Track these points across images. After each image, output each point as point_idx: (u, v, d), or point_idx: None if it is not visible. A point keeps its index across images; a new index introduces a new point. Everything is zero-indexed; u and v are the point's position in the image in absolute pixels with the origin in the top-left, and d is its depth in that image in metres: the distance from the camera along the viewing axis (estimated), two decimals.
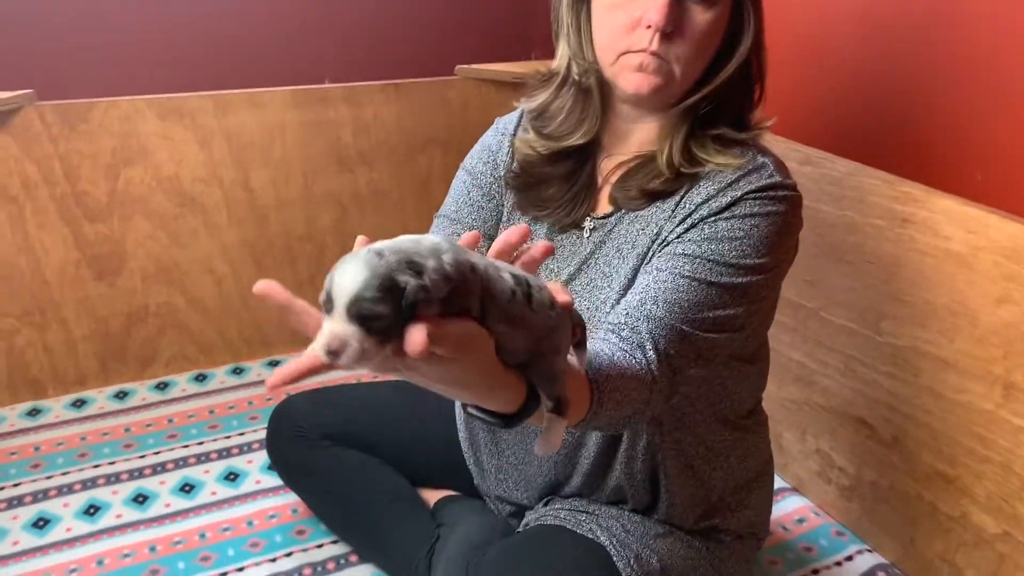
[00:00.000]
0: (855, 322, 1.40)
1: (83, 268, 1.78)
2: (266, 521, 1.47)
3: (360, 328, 0.59)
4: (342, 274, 0.61)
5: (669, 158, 1.01)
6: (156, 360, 1.90)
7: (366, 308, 0.59)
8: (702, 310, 0.94)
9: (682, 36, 0.95)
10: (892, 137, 1.47)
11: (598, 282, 1.06)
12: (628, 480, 1.10)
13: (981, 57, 1.32)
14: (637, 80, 0.97)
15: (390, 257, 0.61)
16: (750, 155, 1.01)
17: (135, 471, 1.59)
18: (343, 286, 0.60)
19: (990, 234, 1.20)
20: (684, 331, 0.93)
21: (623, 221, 1.05)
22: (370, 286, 0.59)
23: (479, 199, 1.15)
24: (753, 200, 0.97)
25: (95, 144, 1.72)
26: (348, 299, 0.59)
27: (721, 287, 0.95)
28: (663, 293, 0.94)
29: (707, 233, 0.97)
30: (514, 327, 0.68)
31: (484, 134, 1.20)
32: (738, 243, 0.96)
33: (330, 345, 0.60)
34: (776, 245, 0.98)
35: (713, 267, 0.95)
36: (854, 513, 1.47)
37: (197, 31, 2.08)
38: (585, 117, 1.06)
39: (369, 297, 0.59)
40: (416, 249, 0.62)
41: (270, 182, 1.90)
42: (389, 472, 1.33)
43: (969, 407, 1.25)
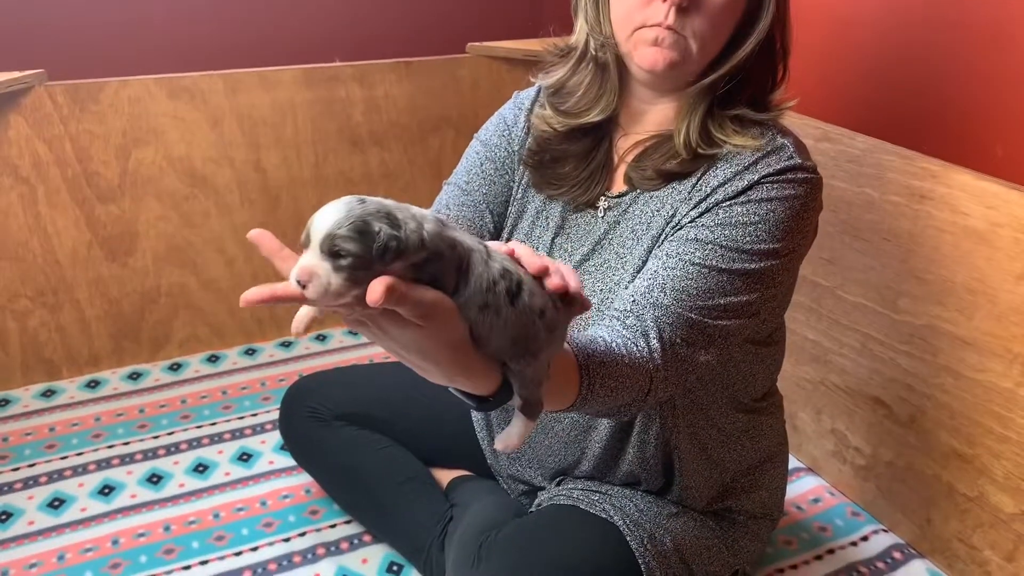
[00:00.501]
0: (872, 300, 1.38)
1: (95, 249, 1.78)
2: (279, 501, 1.48)
3: (330, 263, 0.63)
4: (322, 213, 0.64)
5: (686, 138, 0.99)
6: (169, 341, 1.91)
7: (337, 244, 0.62)
8: (712, 297, 0.93)
9: (698, 10, 0.93)
10: (911, 113, 1.45)
11: (612, 263, 1.04)
12: (641, 464, 1.09)
13: (1000, 31, 1.29)
14: (652, 55, 0.95)
15: (370, 205, 0.64)
16: (769, 136, 0.99)
17: (149, 451, 1.60)
18: (320, 222, 0.64)
19: (1010, 209, 1.17)
20: (692, 319, 0.92)
21: (638, 201, 1.03)
22: (343, 225, 0.63)
23: (491, 172, 1.13)
24: (771, 184, 0.95)
25: (106, 124, 1.72)
26: (322, 234, 0.63)
27: (734, 273, 0.93)
28: (671, 280, 0.93)
29: (721, 218, 0.95)
30: (487, 317, 0.69)
31: (502, 107, 1.19)
32: (753, 228, 0.94)
33: (300, 274, 0.63)
34: (793, 229, 0.96)
35: (725, 253, 0.93)
36: (870, 493, 1.46)
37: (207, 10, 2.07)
38: (603, 93, 1.04)
39: (341, 235, 0.62)
40: (400, 207, 0.66)
41: (281, 162, 1.89)
42: (402, 452, 1.33)
43: (988, 386, 1.23)
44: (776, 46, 1.00)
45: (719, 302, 0.93)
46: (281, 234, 0.70)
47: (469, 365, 0.71)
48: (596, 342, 0.87)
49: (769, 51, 0.99)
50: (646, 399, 0.91)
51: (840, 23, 1.52)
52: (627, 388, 0.87)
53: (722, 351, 0.96)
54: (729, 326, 0.95)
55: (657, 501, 1.11)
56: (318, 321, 0.72)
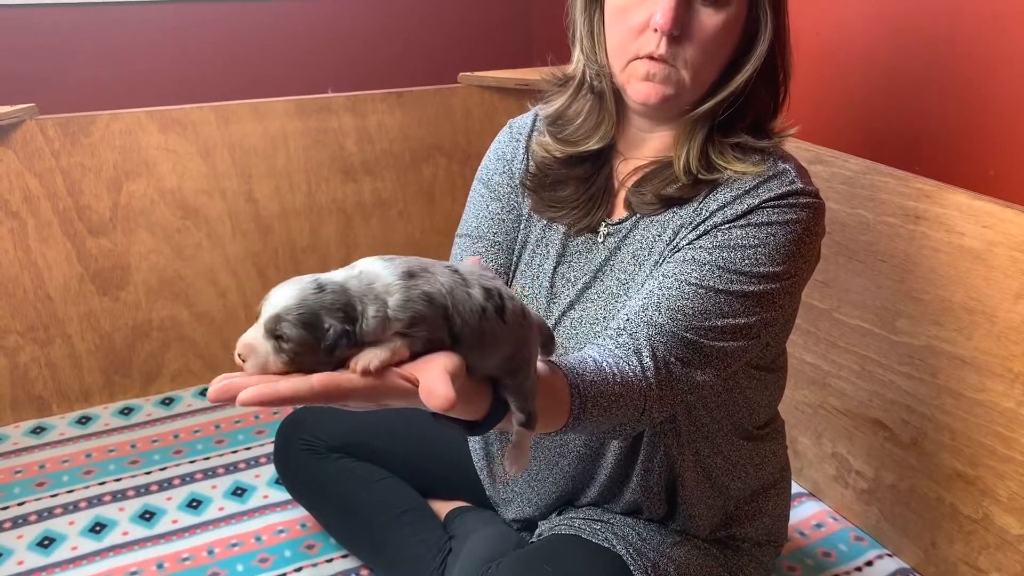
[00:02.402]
0: (870, 322, 1.38)
1: (86, 283, 1.76)
2: (275, 536, 1.45)
3: (273, 343, 0.62)
4: (278, 290, 0.64)
5: (686, 164, 0.99)
6: (161, 375, 1.89)
7: (280, 329, 0.62)
8: (709, 318, 0.92)
9: (690, 39, 0.93)
10: (903, 134, 1.45)
11: (614, 289, 1.03)
12: (644, 492, 1.08)
13: (991, 52, 1.30)
14: (645, 89, 0.95)
15: (327, 295, 0.63)
16: (771, 162, 0.98)
17: (141, 487, 1.57)
18: (272, 301, 0.63)
19: (1005, 228, 1.17)
20: (688, 338, 0.91)
21: (639, 227, 1.03)
22: (292, 312, 0.62)
23: (498, 211, 1.12)
24: (772, 208, 0.95)
25: (97, 157, 1.71)
26: (269, 314, 0.62)
27: (732, 295, 0.93)
28: (666, 300, 0.92)
29: (720, 240, 0.94)
30: (485, 345, 0.68)
31: (497, 139, 1.17)
32: (752, 251, 0.94)
33: (240, 347, 0.63)
34: (794, 253, 0.95)
35: (723, 274, 0.93)
36: (873, 517, 1.45)
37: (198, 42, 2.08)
38: (601, 122, 1.04)
39: (288, 320, 0.61)
40: (361, 291, 0.64)
41: (274, 192, 1.88)
42: (399, 483, 1.31)
43: (989, 406, 1.22)
44: (777, 70, 0.99)
45: (716, 323, 0.92)
46: (272, 264, 0.70)
47: (463, 394, 0.69)
48: (586, 362, 0.86)
49: (770, 75, 0.99)
50: (641, 418, 0.89)
51: (831, 47, 1.53)
52: (620, 407, 0.86)
53: (720, 372, 0.95)
54: (727, 347, 0.94)
55: (660, 530, 1.09)
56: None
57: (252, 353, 0.63)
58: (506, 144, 1.15)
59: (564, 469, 1.11)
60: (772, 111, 1.02)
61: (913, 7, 1.40)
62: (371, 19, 2.23)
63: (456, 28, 2.32)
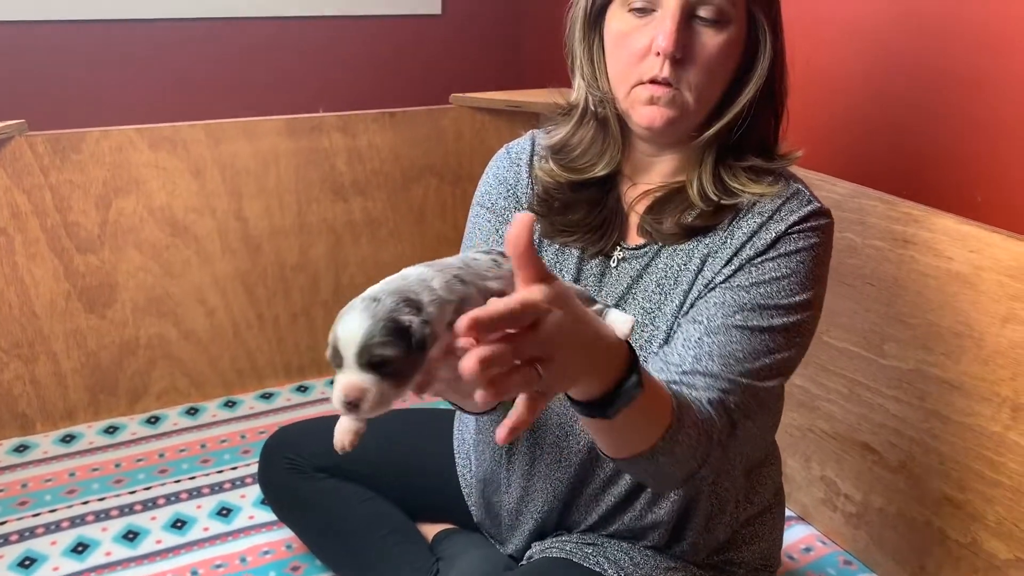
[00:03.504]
0: (858, 345, 1.38)
1: (73, 300, 1.75)
2: (260, 557, 1.44)
3: (374, 375, 0.60)
4: (345, 326, 0.61)
5: (701, 190, 0.98)
6: (147, 393, 1.87)
7: (376, 355, 0.60)
8: (758, 357, 0.92)
9: (693, 61, 0.92)
10: (892, 159, 1.46)
11: (639, 319, 1.01)
12: (650, 520, 1.06)
13: (980, 78, 1.31)
14: (650, 113, 0.95)
15: (387, 300, 0.62)
16: (783, 182, 0.99)
17: (125, 507, 1.56)
18: (348, 338, 0.61)
19: (992, 253, 1.18)
20: (743, 383, 0.92)
21: (660, 255, 1.01)
22: (375, 332, 0.60)
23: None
24: (798, 234, 0.95)
25: (86, 174, 1.71)
26: (356, 349, 0.60)
27: (775, 331, 0.93)
28: (718, 347, 0.92)
29: (755, 276, 0.95)
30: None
31: (494, 163, 1.15)
32: (786, 282, 0.94)
33: (347, 396, 0.60)
34: (818, 276, 0.97)
35: (763, 312, 0.93)
36: (861, 541, 1.44)
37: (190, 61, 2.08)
38: (606, 148, 1.03)
39: (377, 342, 0.60)
40: (407, 286, 0.64)
41: (264, 211, 1.88)
42: (385, 504, 1.30)
43: (977, 430, 1.22)
44: (776, 88, 1.00)
45: (764, 362, 0.93)
46: (261, 283, 0.69)
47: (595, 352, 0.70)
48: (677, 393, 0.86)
49: (770, 96, 0.99)
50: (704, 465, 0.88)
51: (820, 72, 1.55)
52: (698, 444, 0.86)
53: (766, 414, 0.97)
54: (773, 387, 0.95)
55: (653, 555, 1.08)
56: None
57: (365, 394, 0.61)
58: (506, 168, 1.12)
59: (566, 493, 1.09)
60: (774, 132, 1.02)
61: (902, 33, 1.42)
62: (363, 39, 2.24)
63: (447, 49, 2.34)
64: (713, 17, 0.91)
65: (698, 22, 0.92)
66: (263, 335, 1.94)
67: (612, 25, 0.97)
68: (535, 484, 1.10)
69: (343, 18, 2.20)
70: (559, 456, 1.07)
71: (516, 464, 1.11)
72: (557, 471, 1.08)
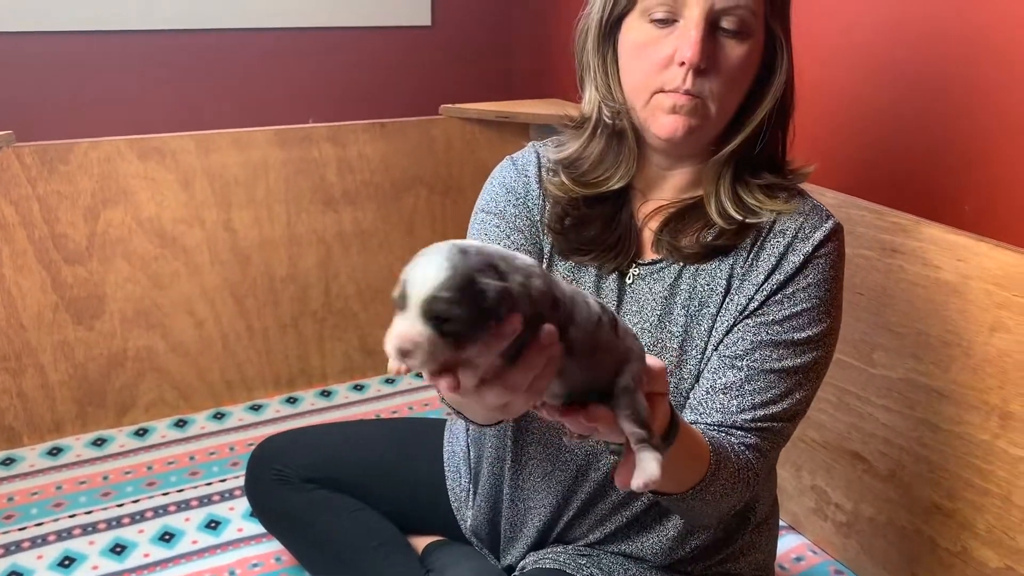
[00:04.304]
0: (848, 355, 1.39)
1: (61, 312, 1.74)
2: (249, 570, 1.42)
3: (433, 329, 0.55)
4: (420, 267, 0.56)
5: (720, 207, 0.97)
6: (135, 406, 1.86)
7: (441, 308, 0.55)
8: (792, 393, 0.95)
9: (717, 72, 0.91)
10: (880, 169, 1.47)
11: (666, 343, 1.00)
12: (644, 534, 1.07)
13: (968, 91, 1.32)
14: (671, 123, 0.93)
15: (472, 257, 0.57)
16: (798, 198, 0.99)
17: (113, 520, 1.54)
18: (420, 282, 0.56)
19: (979, 262, 1.19)
20: (777, 427, 0.95)
21: (682, 277, 1.00)
22: (448, 285, 0.55)
23: (522, 243, 1.04)
24: (823, 258, 0.96)
25: (74, 185, 1.70)
26: (423, 297, 0.55)
27: (807, 368, 0.96)
28: (759, 393, 0.95)
29: (787, 308, 0.96)
30: (596, 355, 0.65)
31: (499, 172, 1.12)
32: (815, 311, 0.96)
33: (401, 346, 0.56)
34: (838, 298, 0.99)
35: (796, 347, 0.95)
36: (852, 550, 1.44)
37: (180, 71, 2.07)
38: (621, 161, 1.01)
39: (446, 297, 0.55)
40: (504, 257, 0.59)
41: (253, 222, 1.87)
42: (375, 515, 1.29)
43: (966, 438, 1.23)
44: (787, 105, 0.99)
45: (796, 396, 0.96)
46: (251, 294, 0.67)
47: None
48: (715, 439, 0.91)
49: (780, 110, 0.98)
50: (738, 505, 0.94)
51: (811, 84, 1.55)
52: (733, 491, 0.90)
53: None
54: (801, 412, 0.98)
55: (647, 565, 1.07)
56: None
57: (417, 348, 0.55)
58: (513, 179, 1.09)
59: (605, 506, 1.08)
60: (783, 146, 1.02)
61: (890, 44, 1.43)
62: (353, 51, 2.24)
63: (437, 60, 2.34)
64: (736, 28, 0.91)
65: (721, 33, 0.91)
66: (252, 346, 1.93)
67: (630, 36, 0.95)
68: (534, 499, 1.10)
69: (333, 29, 2.20)
70: (560, 470, 1.07)
71: (516, 479, 1.11)
72: (557, 485, 1.07)
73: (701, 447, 0.86)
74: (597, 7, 0.98)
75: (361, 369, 2.08)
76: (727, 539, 1.09)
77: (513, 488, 1.11)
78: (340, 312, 2.02)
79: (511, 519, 1.13)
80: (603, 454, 1.04)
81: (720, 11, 0.90)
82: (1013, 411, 1.16)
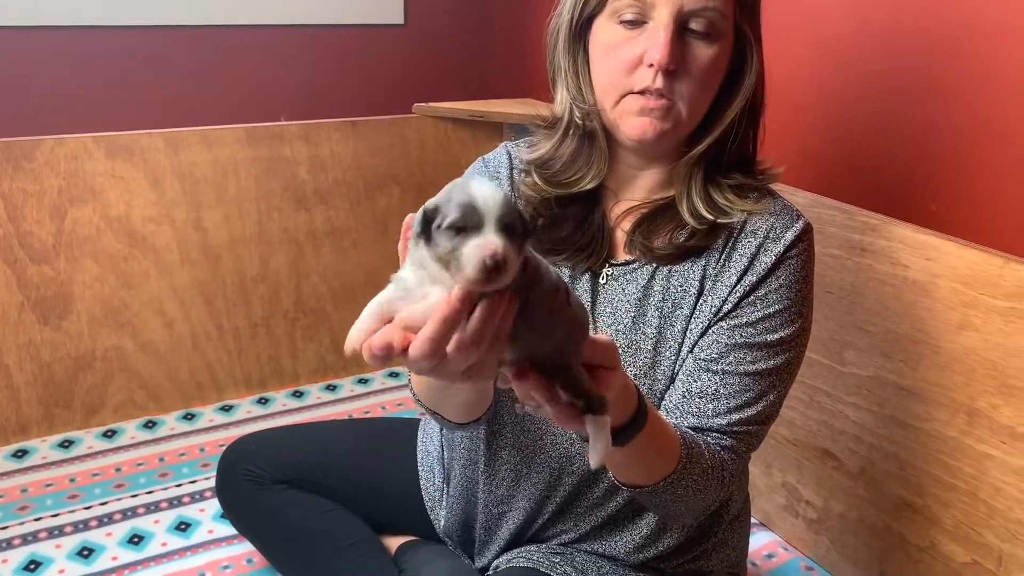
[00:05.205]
0: (818, 353, 1.40)
1: (27, 311, 1.71)
2: (219, 572, 1.41)
3: (507, 240, 0.57)
4: (483, 189, 0.58)
5: (692, 208, 0.98)
6: (104, 407, 1.83)
7: (518, 217, 0.57)
8: (767, 394, 0.96)
9: (686, 73, 0.92)
10: (848, 169, 1.49)
11: (640, 344, 1.00)
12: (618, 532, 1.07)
13: (932, 90, 1.34)
14: (641, 125, 0.94)
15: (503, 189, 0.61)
16: (768, 198, 0.99)
17: (80, 523, 1.52)
18: (492, 196, 0.57)
19: (947, 261, 1.20)
20: (753, 430, 0.96)
21: (656, 279, 1.00)
22: (510, 201, 0.57)
23: None
24: (794, 258, 0.97)
25: (40, 183, 1.67)
26: (502, 208, 0.57)
27: (780, 369, 0.97)
28: (734, 396, 0.95)
29: (760, 310, 0.96)
30: (551, 322, 0.65)
31: (470, 174, 1.11)
32: (787, 312, 0.97)
33: (497, 255, 0.55)
34: (809, 298, 1.00)
35: (769, 348, 0.96)
36: (822, 547, 1.46)
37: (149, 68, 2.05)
38: (593, 161, 1.01)
39: (513, 209, 0.57)
40: None
41: (223, 221, 1.86)
42: (347, 515, 1.28)
43: (934, 435, 1.24)
44: (757, 105, 0.99)
45: (770, 398, 0.97)
46: (221, 294, 0.67)
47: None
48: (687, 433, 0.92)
49: (751, 111, 0.99)
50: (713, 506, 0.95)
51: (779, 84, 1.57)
52: (706, 489, 0.91)
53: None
54: (771, 424, 0.99)
55: (620, 563, 1.07)
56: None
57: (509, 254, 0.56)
58: None
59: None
60: (754, 146, 1.02)
61: (857, 46, 1.44)
62: (325, 48, 2.23)
63: (410, 59, 2.33)
64: (705, 30, 0.91)
65: (690, 35, 0.91)
66: (223, 346, 1.91)
67: (600, 36, 0.95)
68: (509, 502, 1.10)
69: (305, 27, 2.19)
70: (536, 473, 1.07)
71: (490, 482, 1.10)
72: (532, 488, 1.07)
73: (671, 438, 0.87)
74: (567, 7, 0.98)
75: (334, 369, 2.07)
76: (699, 537, 1.09)
77: (487, 492, 1.11)
78: (312, 312, 2.01)
79: (485, 522, 1.13)
80: (576, 457, 1.04)
81: (689, 13, 0.90)
82: (980, 408, 1.18)
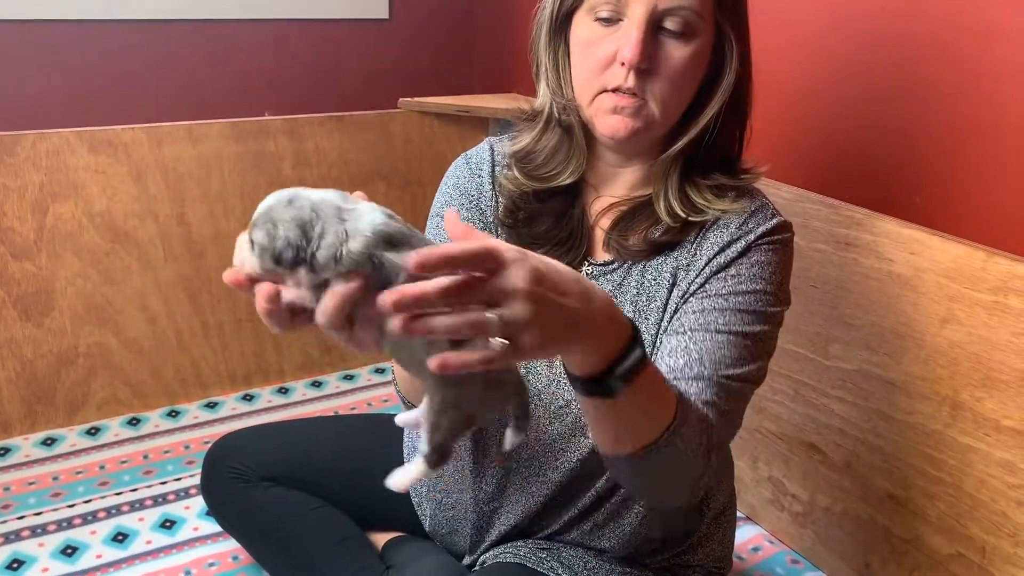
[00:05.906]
0: (803, 347, 1.41)
1: (8, 308, 1.70)
2: (205, 570, 1.40)
3: (249, 243, 0.68)
4: (268, 198, 0.67)
5: (668, 206, 0.98)
6: (87, 404, 1.82)
7: (252, 233, 0.66)
8: (742, 363, 0.92)
9: (659, 73, 0.91)
10: (833, 164, 1.49)
11: None
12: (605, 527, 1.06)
13: (916, 85, 1.34)
14: (614, 123, 0.94)
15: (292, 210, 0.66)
16: (747, 198, 0.99)
17: (63, 521, 1.51)
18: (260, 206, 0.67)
19: (932, 255, 1.21)
20: (732, 387, 0.91)
21: (631, 273, 1.00)
22: (258, 219, 0.67)
23: None
24: (766, 246, 0.96)
25: (21, 178, 1.65)
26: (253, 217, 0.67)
27: (754, 337, 0.94)
28: (707, 353, 0.91)
29: (730, 285, 0.95)
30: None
31: (452, 172, 1.11)
32: (761, 293, 0.95)
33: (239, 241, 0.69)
34: (784, 287, 0.98)
35: (743, 317, 0.93)
36: (808, 540, 1.46)
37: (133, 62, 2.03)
38: (572, 156, 1.01)
39: (255, 225, 0.67)
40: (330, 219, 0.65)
41: (207, 216, 1.84)
42: (334, 512, 1.28)
43: (919, 428, 1.25)
44: (742, 104, 0.99)
45: (747, 368, 0.93)
46: (205, 290, 0.69)
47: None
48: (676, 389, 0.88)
49: (736, 109, 0.99)
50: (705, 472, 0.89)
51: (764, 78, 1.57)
52: (700, 443, 0.86)
53: (739, 423, 0.97)
54: (750, 394, 0.95)
55: (607, 558, 1.07)
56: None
57: (238, 248, 0.67)
58: (467, 179, 1.09)
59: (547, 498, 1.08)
60: (739, 146, 1.02)
61: (842, 41, 1.45)
62: (310, 43, 2.21)
63: (395, 53, 2.32)
64: (679, 29, 0.91)
65: (664, 34, 0.91)
66: (207, 343, 1.90)
67: (578, 32, 0.96)
68: (498, 499, 1.09)
69: (289, 21, 2.17)
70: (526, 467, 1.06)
71: (479, 483, 1.10)
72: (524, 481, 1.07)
73: (667, 387, 0.84)
74: (549, 1, 0.98)
75: (319, 365, 2.06)
76: (685, 532, 1.10)
77: (476, 488, 1.11)
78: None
79: (476, 520, 1.12)
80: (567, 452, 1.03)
81: (664, 11, 0.90)
82: (963, 401, 1.19)
